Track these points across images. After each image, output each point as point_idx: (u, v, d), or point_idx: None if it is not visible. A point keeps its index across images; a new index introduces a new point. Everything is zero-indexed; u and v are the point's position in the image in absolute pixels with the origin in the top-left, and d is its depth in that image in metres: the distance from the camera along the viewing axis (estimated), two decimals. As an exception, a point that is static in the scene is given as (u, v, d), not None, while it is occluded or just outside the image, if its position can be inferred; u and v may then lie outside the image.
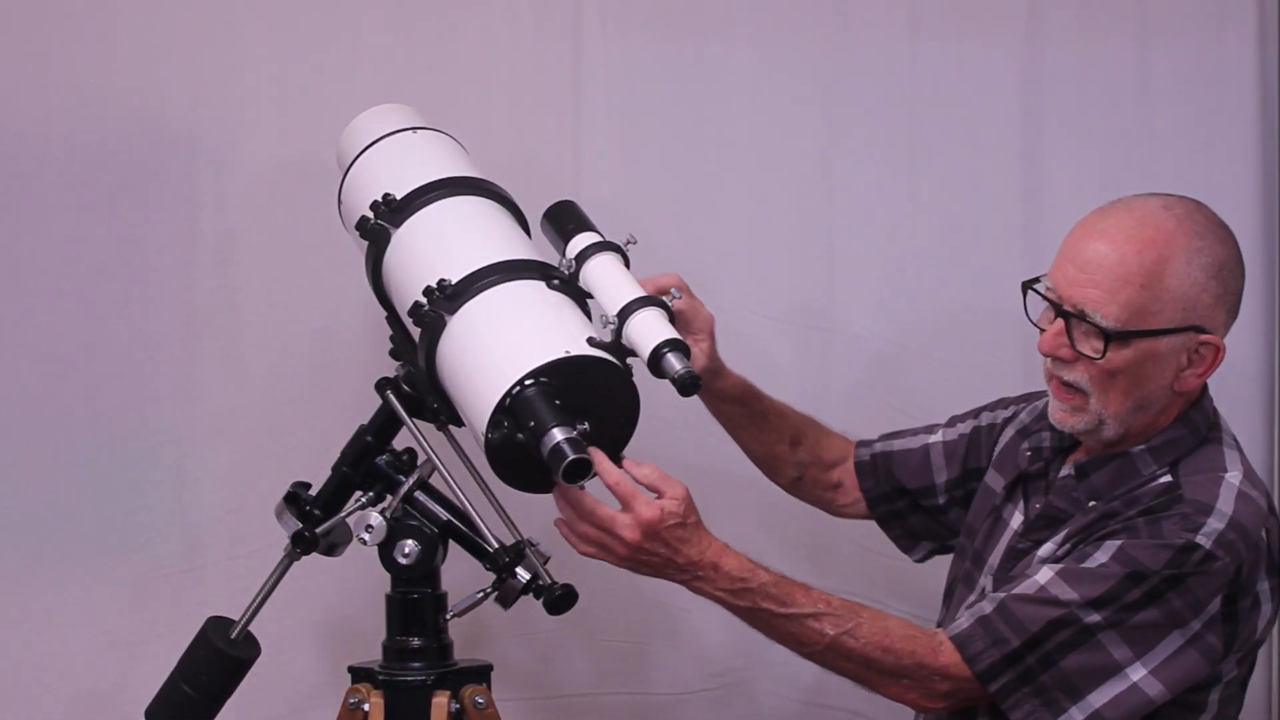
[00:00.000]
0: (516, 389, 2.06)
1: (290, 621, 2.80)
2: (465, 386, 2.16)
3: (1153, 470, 2.17)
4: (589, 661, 2.94)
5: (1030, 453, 2.32)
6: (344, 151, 2.48)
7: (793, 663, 2.80)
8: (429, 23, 2.88)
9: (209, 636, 2.33)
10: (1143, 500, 2.14)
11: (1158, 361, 2.14)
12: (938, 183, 2.93)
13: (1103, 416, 2.17)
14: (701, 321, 2.40)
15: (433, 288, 2.18)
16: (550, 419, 2.04)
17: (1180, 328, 2.13)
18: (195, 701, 2.32)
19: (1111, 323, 2.11)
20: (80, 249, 2.84)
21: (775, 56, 2.92)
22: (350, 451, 2.37)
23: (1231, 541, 2.08)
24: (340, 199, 2.46)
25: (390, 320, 2.39)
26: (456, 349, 2.18)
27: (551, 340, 2.10)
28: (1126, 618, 2.07)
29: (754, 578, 2.13)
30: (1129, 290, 2.11)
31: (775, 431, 2.54)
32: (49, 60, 2.82)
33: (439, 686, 2.29)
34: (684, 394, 2.10)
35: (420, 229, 2.29)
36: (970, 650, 2.11)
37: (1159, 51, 2.93)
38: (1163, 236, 2.13)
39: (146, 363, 2.85)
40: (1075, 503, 2.20)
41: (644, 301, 2.15)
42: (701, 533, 2.12)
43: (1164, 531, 2.09)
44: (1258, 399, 2.93)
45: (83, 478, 2.84)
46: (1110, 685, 2.08)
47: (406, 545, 2.29)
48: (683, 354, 2.10)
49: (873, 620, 2.14)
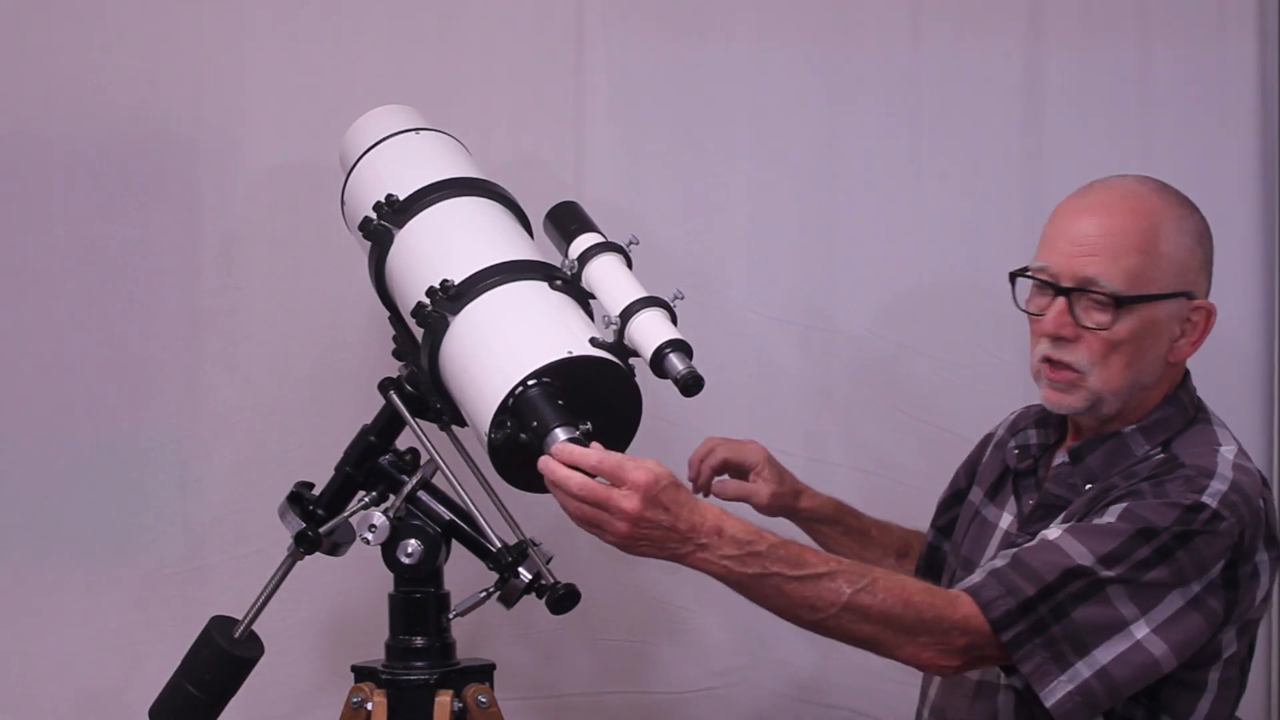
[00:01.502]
0: (519, 389, 2.06)
1: (293, 621, 2.81)
2: (468, 387, 2.16)
3: (1145, 449, 2.18)
4: (591, 661, 2.94)
5: (1018, 450, 2.32)
6: (347, 152, 2.49)
7: (794, 662, 2.81)
8: (431, 23, 2.89)
9: (213, 636, 2.33)
10: (1141, 473, 2.14)
11: (1155, 331, 2.15)
12: (939, 183, 2.93)
13: (1101, 393, 2.16)
14: (751, 455, 2.47)
15: (435, 288, 2.18)
16: (553, 419, 2.03)
17: (1175, 293, 2.15)
18: (199, 701, 2.32)
19: (1120, 287, 2.13)
20: (84, 251, 2.85)
21: (777, 57, 2.92)
22: (353, 451, 2.37)
23: (1235, 503, 2.08)
24: (343, 200, 2.46)
25: (393, 320, 2.39)
26: (459, 349, 2.18)
27: (554, 341, 2.10)
28: (1139, 575, 2.05)
29: (762, 540, 2.02)
30: (1131, 257, 2.13)
31: (879, 547, 2.54)
32: (52, 63, 2.83)
33: (442, 686, 2.30)
34: (686, 394, 2.08)
35: (423, 230, 2.30)
36: (984, 597, 2.06)
37: (1160, 53, 2.94)
38: (1150, 206, 2.16)
39: (150, 363, 2.85)
40: (1073, 488, 2.20)
41: (646, 302, 2.14)
42: (697, 500, 2.04)
43: (1169, 492, 2.08)
44: (1257, 395, 2.93)
45: (86, 478, 2.85)
46: (1116, 641, 2.06)
47: (409, 545, 2.29)
48: (685, 354, 2.08)
49: (888, 576, 2.07)
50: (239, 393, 2.86)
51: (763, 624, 2.89)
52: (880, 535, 2.56)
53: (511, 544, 2.27)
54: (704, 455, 2.50)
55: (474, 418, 2.15)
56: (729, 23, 2.92)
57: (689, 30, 2.92)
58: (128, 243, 2.85)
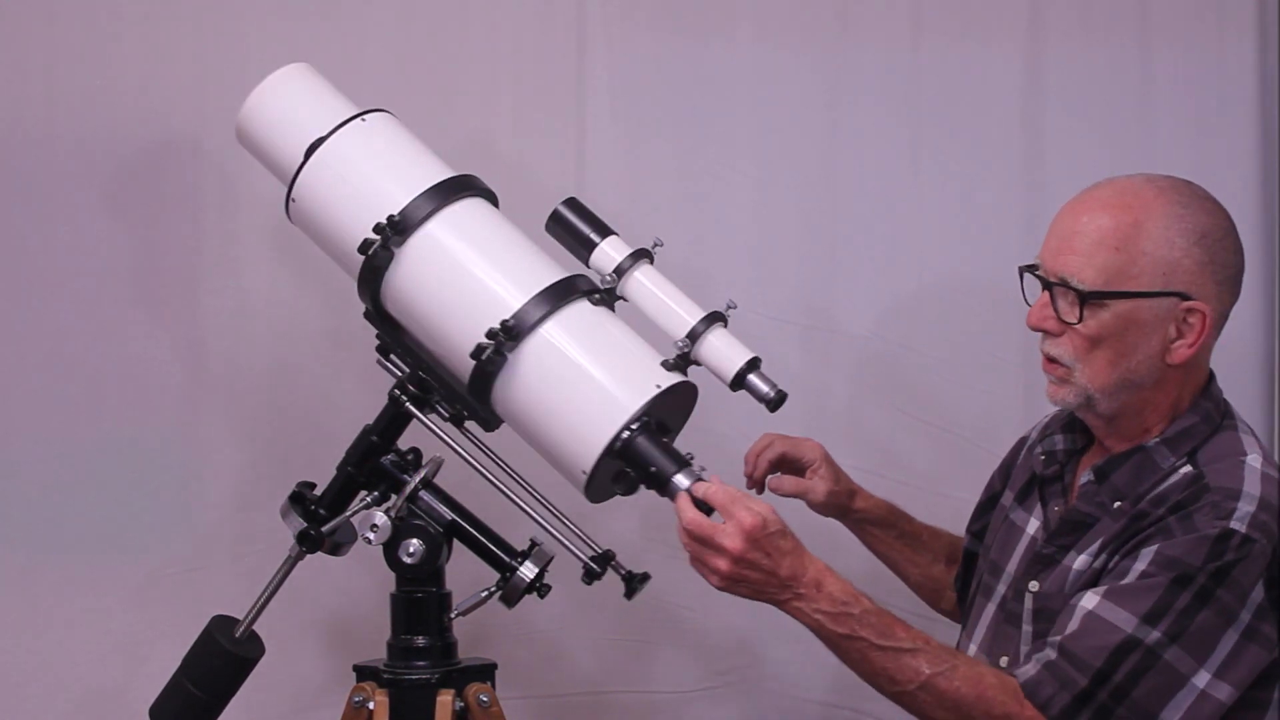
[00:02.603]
0: (625, 434, 2.17)
1: (296, 620, 2.81)
2: (549, 428, 2.22)
3: (1171, 462, 2.16)
4: (593, 660, 2.94)
5: (1044, 456, 2.31)
6: (275, 138, 2.38)
7: (795, 661, 2.82)
8: (433, 24, 2.89)
9: (214, 635, 2.33)
10: (1170, 495, 2.12)
11: (1141, 329, 2.13)
12: (940, 184, 2.93)
13: (1089, 391, 2.16)
14: (808, 451, 2.48)
15: (498, 330, 2.19)
16: (670, 465, 2.16)
17: (1161, 292, 2.12)
18: (200, 700, 2.32)
19: (1086, 285, 2.12)
20: (86, 250, 2.85)
21: (778, 58, 2.93)
22: (355, 451, 2.37)
23: (1265, 522, 2.07)
24: (293, 196, 2.36)
25: (380, 322, 2.36)
26: (529, 390, 2.22)
27: (636, 376, 2.21)
28: (1186, 625, 2.04)
29: (857, 603, 2.08)
30: (1104, 253, 2.12)
31: (930, 551, 2.54)
32: (55, 63, 2.83)
33: (444, 685, 2.30)
34: (772, 410, 2.22)
35: (433, 255, 2.27)
36: (1041, 697, 2.07)
37: (1160, 54, 2.94)
38: (1139, 202, 2.14)
39: (153, 363, 2.86)
40: (1101, 506, 2.18)
41: (709, 320, 2.24)
42: (802, 550, 2.09)
43: (1197, 525, 2.06)
44: (1258, 395, 2.94)
45: (89, 477, 2.85)
46: (1181, 699, 2.05)
47: (411, 544, 2.30)
48: (760, 371, 2.22)
49: (969, 665, 2.10)
50: (242, 393, 2.86)
51: (763, 624, 2.90)
52: (931, 540, 2.55)
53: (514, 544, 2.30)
54: (761, 450, 2.50)
55: (560, 457, 2.22)
56: (730, 23, 2.92)
57: (690, 31, 2.92)
58: (131, 242, 2.86)
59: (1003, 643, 2.25)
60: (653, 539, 2.80)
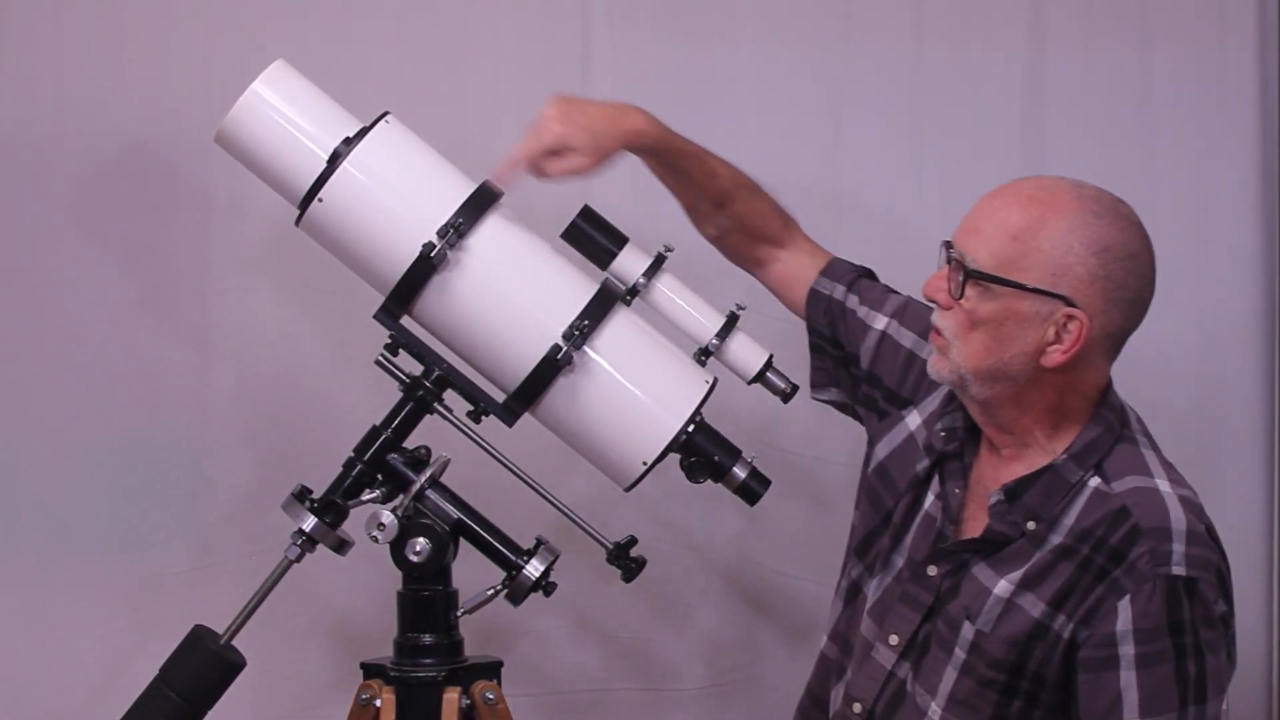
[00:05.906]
0: (686, 432, 2.34)
1: (303, 618, 2.83)
2: (610, 419, 2.34)
3: (1079, 476, 2.16)
4: (597, 658, 2.96)
5: (944, 433, 2.30)
6: (274, 142, 2.35)
7: (800, 659, 2.82)
8: (438, 23, 2.91)
9: (202, 640, 2.29)
10: (1096, 532, 2.12)
11: (1020, 323, 2.13)
12: (941, 186, 2.95)
13: (962, 370, 2.16)
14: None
15: (572, 333, 2.28)
16: (728, 459, 2.38)
17: (1046, 291, 2.11)
18: (180, 707, 2.26)
19: (976, 265, 2.13)
20: (94, 250, 2.87)
21: (781, 60, 2.94)
22: (364, 448, 2.37)
23: (1198, 555, 2.09)
24: (321, 196, 2.32)
25: (398, 328, 2.36)
26: (595, 385, 2.31)
27: (687, 376, 2.37)
28: (1204, 684, 2.08)
29: None
30: (1002, 239, 2.12)
31: (698, 189, 2.48)
32: (62, 63, 2.84)
33: (450, 683, 2.32)
34: (785, 402, 2.46)
35: (497, 257, 2.31)
36: None
37: (1160, 57, 2.96)
38: (1053, 201, 2.14)
39: (160, 363, 2.87)
40: (1014, 525, 2.17)
41: (729, 324, 2.42)
42: None
43: (1144, 574, 2.08)
44: (1258, 395, 2.94)
45: (96, 477, 2.86)
46: None
47: (418, 543, 2.31)
48: (774, 367, 2.44)
49: None
50: (249, 393, 2.88)
51: (768, 621, 2.92)
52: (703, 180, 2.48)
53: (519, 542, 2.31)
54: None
55: (618, 450, 2.34)
56: (733, 26, 2.93)
57: (694, 33, 2.93)
58: (138, 243, 2.87)
59: (897, 621, 2.25)
60: (659, 537, 2.82)
